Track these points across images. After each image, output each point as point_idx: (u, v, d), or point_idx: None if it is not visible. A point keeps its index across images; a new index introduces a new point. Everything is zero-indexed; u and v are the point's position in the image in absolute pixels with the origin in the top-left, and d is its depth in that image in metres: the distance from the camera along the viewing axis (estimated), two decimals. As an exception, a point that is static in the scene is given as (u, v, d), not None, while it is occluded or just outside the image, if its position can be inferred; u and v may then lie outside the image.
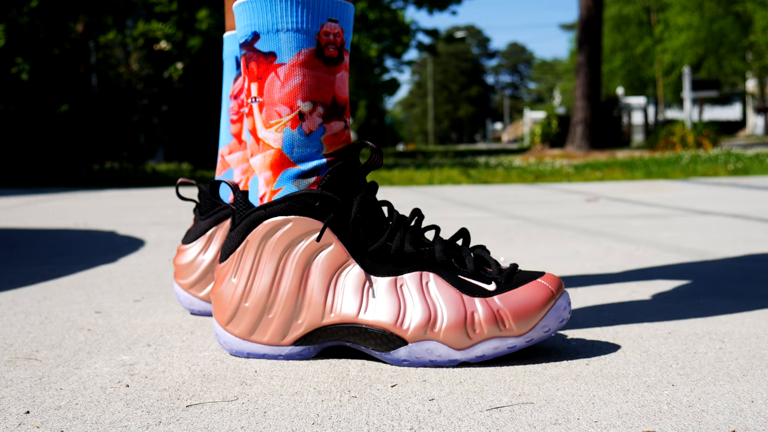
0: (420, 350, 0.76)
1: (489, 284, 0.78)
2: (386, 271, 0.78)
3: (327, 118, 0.80)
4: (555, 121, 13.69)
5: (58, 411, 0.66)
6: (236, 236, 0.81)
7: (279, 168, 0.80)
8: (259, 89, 0.80)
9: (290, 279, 0.78)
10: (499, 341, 0.76)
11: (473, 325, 0.76)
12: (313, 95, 0.79)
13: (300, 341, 0.79)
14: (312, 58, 0.78)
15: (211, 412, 0.65)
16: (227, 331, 0.81)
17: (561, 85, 34.95)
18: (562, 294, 0.80)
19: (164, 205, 3.28)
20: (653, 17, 23.28)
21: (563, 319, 0.79)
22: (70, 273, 1.43)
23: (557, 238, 1.92)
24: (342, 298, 0.78)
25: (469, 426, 0.61)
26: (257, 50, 0.79)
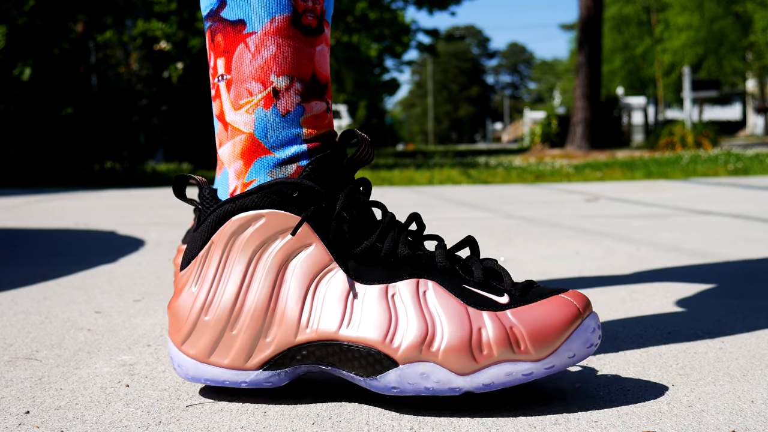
0: (413, 374, 0.62)
1: (501, 296, 0.65)
2: (375, 277, 0.65)
3: (306, 96, 0.68)
4: (555, 121, 13.69)
5: (58, 411, 0.66)
6: (200, 237, 0.68)
7: (251, 156, 0.68)
8: (227, 65, 0.68)
9: (260, 286, 0.65)
10: (512, 366, 0.62)
11: (480, 344, 0.62)
12: (290, 69, 0.67)
13: (268, 364, 0.66)
14: (287, 26, 0.67)
15: (211, 412, 0.65)
16: (182, 352, 0.68)
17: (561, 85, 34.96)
18: (591, 314, 0.65)
19: (164, 205, 3.28)
20: (653, 17, 23.29)
21: (592, 344, 0.64)
22: (70, 273, 1.43)
23: (557, 238, 1.92)
24: (321, 309, 0.65)
25: (469, 426, 0.61)
26: (223, 19, 0.68)
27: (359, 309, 0.64)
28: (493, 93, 62.03)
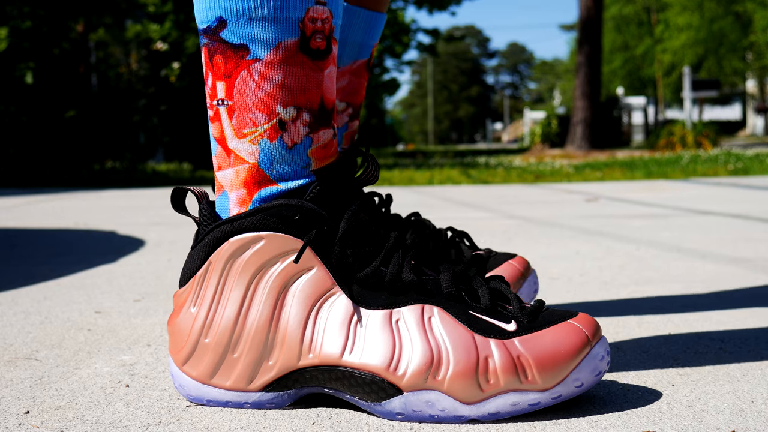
0: (418, 402, 0.61)
1: (508, 323, 0.63)
2: (379, 302, 0.64)
3: (314, 126, 0.65)
4: (555, 121, 13.69)
5: (58, 411, 0.66)
6: (197, 255, 0.66)
7: (255, 187, 0.65)
8: (227, 90, 0.64)
9: (261, 310, 0.64)
10: (519, 396, 0.61)
11: (487, 373, 0.61)
12: (297, 99, 0.64)
13: (271, 386, 0.65)
14: (295, 52, 0.63)
15: (211, 412, 0.65)
16: (184, 373, 0.67)
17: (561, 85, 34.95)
18: (600, 340, 0.64)
19: (164, 205, 3.28)
20: (653, 17, 23.29)
21: (600, 371, 0.63)
22: (70, 273, 1.43)
23: (557, 238, 1.92)
24: (323, 334, 0.63)
25: (469, 426, 0.61)
26: (223, 41, 0.64)
27: (362, 335, 0.63)
28: (493, 93, 62.03)
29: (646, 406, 0.64)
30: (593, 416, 0.62)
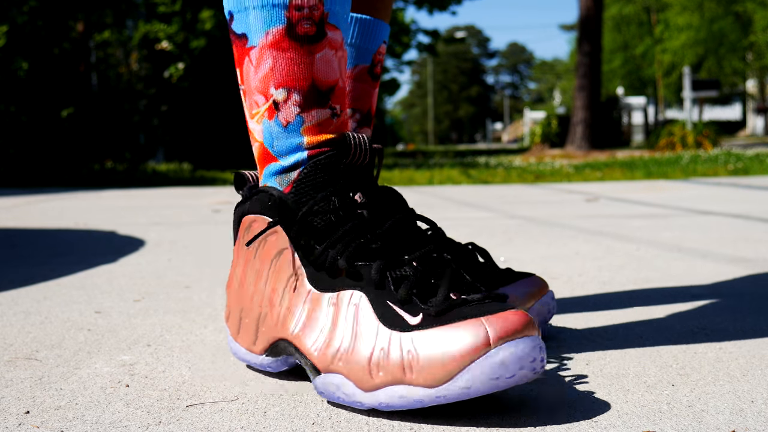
0: (330, 383, 0.64)
1: (415, 316, 0.62)
2: (324, 285, 0.67)
3: (306, 106, 0.70)
4: (555, 121, 13.69)
5: (58, 411, 0.66)
6: (233, 227, 0.78)
7: (263, 162, 0.73)
8: (240, 76, 0.73)
9: (251, 281, 0.73)
10: (406, 390, 0.60)
11: (378, 364, 0.61)
12: (286, 81, 0.70)
13: (268, 351, 0.72)
14: (282, 38, 0.69)
15: (211, 412, 0.65)
16: (227, 326, 0.79)
17: (561, 85, 34.94)
18: (512, 342, 0.58)
19: (164, 205, 3.28)
20: (653, 17, 23.28)
21: (499, 376, 0.58)
22: (70, 273, 1.43)
23: (557, 238, 1.92)
24: (288, 309, 0.69)
25: (469, 426, 0.61)
26: (233, 32, 0.72)
27: (306, 314, 0.68)
28: (493, 93, 62.01)
29: (646, 406, 0.64)
30: (593, 416, 0.62)
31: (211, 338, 0.92)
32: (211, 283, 1.32)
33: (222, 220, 2.51)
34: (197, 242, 1.91)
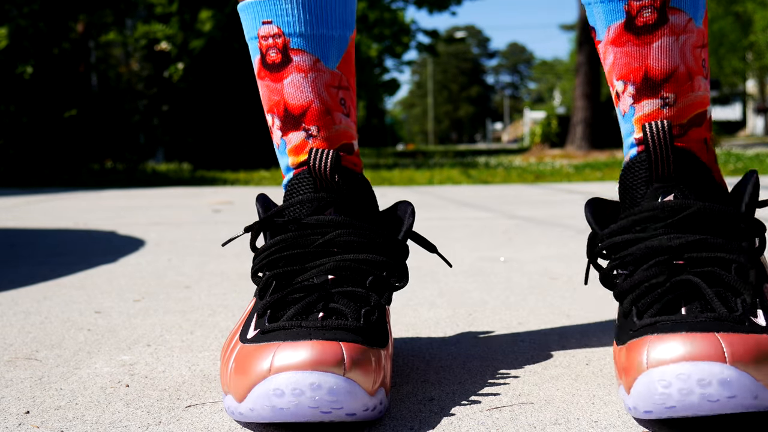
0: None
1: (254, 329, 0.64)
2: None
3: (284, 129, 0.74)
4: (555, 121, 13.69)
5: (58, 411, 0.66)
6: None
7: (283, 177, 0.78)
8: None
9: None
10: (229, 399, 0.60)
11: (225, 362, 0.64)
12: (269, 107, 0.75)
13: None
14: (260, 69, 0.75)
15: (211, 412, 0.65)
16: None
17: (561, 85, 34.95)
18: (285, 374, 0.56)
19: (164, 205, 3.29)
20: (653, 17, 23.25)
21: (278, 407, 0.56)
22: (70, 273, 1.43)
23: (557, 238, 1.92)
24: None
25: (469, 426, 0.61)
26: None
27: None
28: (493, 93, 62.01)
29: (646, 406, 0.64)
30: (593, 416, 0.62)
31: (211, 338, 0.92)
32: (210, 283, 1.32)
33: (222, 220, 2.51)
34: (197, 242, 1.91)
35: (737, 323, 0.56)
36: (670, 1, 0.67)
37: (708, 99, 0.72)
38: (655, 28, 0.68)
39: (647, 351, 0.55)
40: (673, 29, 0.68)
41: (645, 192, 0.67)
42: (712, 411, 0.53)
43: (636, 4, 0.67)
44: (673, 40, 0.68)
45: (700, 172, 0.67)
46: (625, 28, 0.68)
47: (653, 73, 0.68)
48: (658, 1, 0.67)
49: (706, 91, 0.71)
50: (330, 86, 0.73)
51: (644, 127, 0.66)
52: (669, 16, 0.68)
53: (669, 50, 0.68)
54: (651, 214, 0.65)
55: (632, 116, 0.70)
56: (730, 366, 0.53)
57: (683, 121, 0.69)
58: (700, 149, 0.69)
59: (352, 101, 0.76)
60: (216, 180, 5.81)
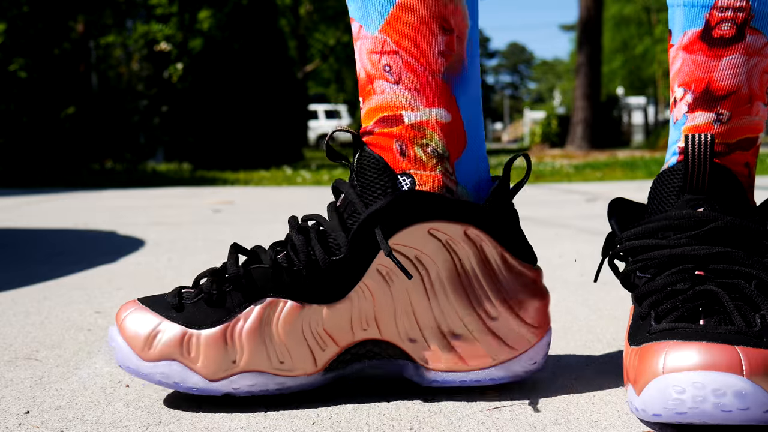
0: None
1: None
2: None
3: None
4: (555, 121, 13.69)
5: (58, 411, 0.66)
6: None
7: None
8: None
9: None
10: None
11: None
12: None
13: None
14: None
15: (211, 412, 0.65)
16: None
17: (561, 85, 34.95)
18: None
19: (164, 205, 3.28)
20: (653, 17, 23.28)
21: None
22: (70, 273, 1.43)
23: (557, 238, 1.92)
24: None
25: (469, 426, 0.61)
26: None
27: None
28: (493, 93, 61.98)
29: (646, 406, 0.64)
30: (593, 416, 0.62)
31: (211, 338, 0.92)
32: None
33: (222, 220, 2.51)
34: (197, 242, 1.91)
35: (757, 338, 0.57)
36: (751, 20, 0.67)
37: (762, 126, 0.71)
38: (729, 43, 0.67)
39: (665, 356, 0.56)
40: (747, 49, 0.67)
41: (675, 201, 0.67)
42: (724, 421, 0.54)
43: (718, 16, 0.67)
44: (744, 59, 0.67)
45: (734, 191, 0.67)
46: (700, 37, 0.68)
47: (715, 87, 0.68)
48: (740, 17, 0.66)
49: (762, 118, 0.70)
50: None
51: (687, 137, 0.66)
52: (747, 35, 0.67)
53: (737, 68, 0.68)
54: (677, 222, 0.65)
55: (683, 125, 0.69)
56: (746, 379, 0.53)
57: (731, 141, 0.68)
58: (740, 171, 0.69)
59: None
60: (216, 180, 5.81)
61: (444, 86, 0.66)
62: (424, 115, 0.66)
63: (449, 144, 0.66)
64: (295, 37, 15.21)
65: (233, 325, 0.64)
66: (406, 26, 0.65)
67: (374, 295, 0.65)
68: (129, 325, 0.65)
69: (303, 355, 0.65)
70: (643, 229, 0.67)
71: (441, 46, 0.65)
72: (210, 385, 0.64)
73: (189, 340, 0.64)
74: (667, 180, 0.68)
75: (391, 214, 0.64)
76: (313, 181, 5.21)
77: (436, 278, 0.66)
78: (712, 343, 0.55)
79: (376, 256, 0.65)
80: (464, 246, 0.66)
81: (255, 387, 0.64)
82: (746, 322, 0.58)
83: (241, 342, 0.64)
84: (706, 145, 0.65)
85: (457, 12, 0.66)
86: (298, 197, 3.70)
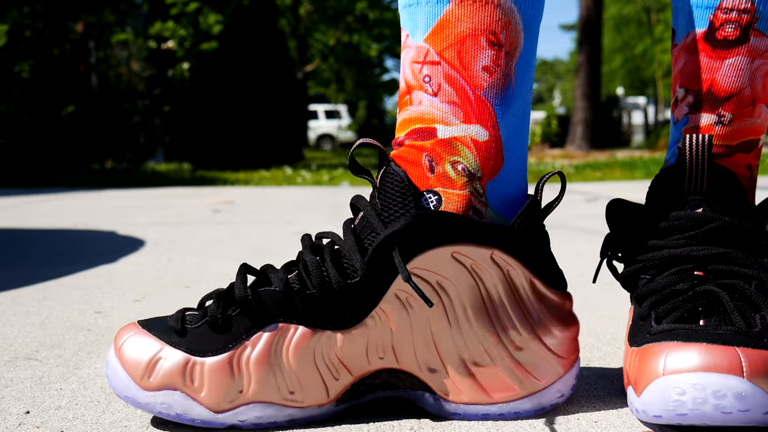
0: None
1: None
2: None
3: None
4: (555, 121, 13.69)
5: (58, 411, 0.66)
6: None
7: None
8: None
9: None
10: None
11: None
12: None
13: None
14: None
15: (211, 412, 0.65)
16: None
17: (561, 85, 34.96)
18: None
19: (164, 205, 3.28)
20: (653, 17, 23.28)
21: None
22: (70, 273, 1.43)
23: (557, 238, 1.92)
24: None
25: (469, 426, 0.61)
26: None
27: None
28: (493, 93, 61.95)
29: (646, 406, 0.64)
30: (593, 416, 0.62)
31: (211, 338, 0.92)
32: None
33: (222, 220, 2.51)
34: (197, 242, 1.91)
35: (757, 339, 0.56)
36: (756, 22, 0.66)
37: (764, 129, 0.71)
38: (733, 45, 0.67)
39: (665, 357, 0.56)
40: (750, 51, 0.67)
41: (674, 202, 0.67)
42: (724, 422, 0.54)
43: (722, 17, 0.66)
44: (747, 61, 0.67)
45: (734, 192, 0.66)
46: (704, 38, 0.67)
47: (717, 88, 0.67)
48: (744, 19, 0.66)
49: (765, 121, 0.70)
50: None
51: (684, 138, 0.65)
52: (751, 37, 0.67)
53: (740, 70, 0.67)
54: (676, 223, 0.65)
55: (683, 125, 0.69)
56: (746, 381, 0.53)
57: (732, 143, 0.68)
58: (741, 173, 0.68)
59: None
60: (216, 180, 5.81)
61: (484, 103, 0.62)
62: (460, 131, 0.61)
63: (483, 164, 0.62)
64: (295, 37, 15.22)
65: (240, 352, 0.60)
66: (451, 37, 0.61)
67: (392, 321, 0.61)
68: (128, 351, 0.61)
69: (315, 385, 0.61)
70: (640, 231, 0.67)
71: (486, 60, 0.61)
72: (215, 417, 0.60)
73: (192, 369, 0.60)
74: (666, 180, 0.68)
75: (411, 236, 0.60)
76: (313, 181, 5.21)
77: (459, 305, 0.61)
78: (712, 345, 0.55)
79: (394, 281, 0.60)
80: (490, 271, 0.61)
81: (263, 419, 0.61)
82: (746, 323, 0.58)
83: (248, 371, 0.60)
84: (704, 145, 0.65)
85: (508, 27, 0.61)
86: (298, 197, 3.70)
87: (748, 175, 0.69)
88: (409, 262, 0.60)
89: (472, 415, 0.62)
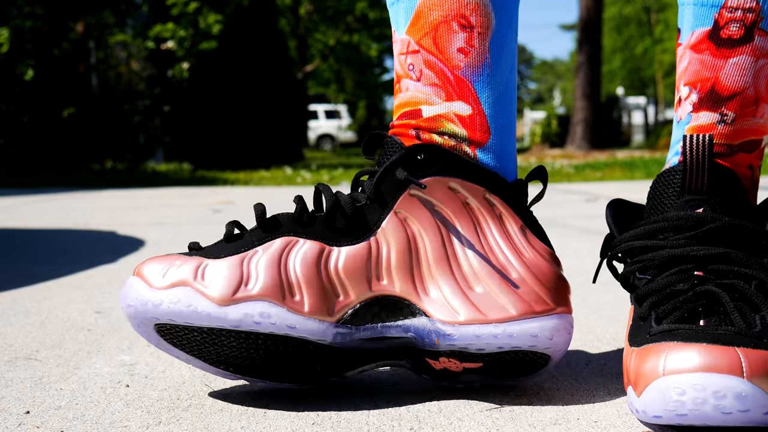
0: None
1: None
2: None
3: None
4: (555, 121, 13.68)
5: (58, 411, 0.66)
6: None
7: None
8: None
9: None
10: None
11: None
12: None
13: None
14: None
15: (211, 412, 0.65)
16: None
17: (561, 85, 34.96)
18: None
19: (164, 205, 3.28)
20: (653, 17, 23.28)
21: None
22: (70, 273, 1.43)
23: (557, 238, 1.92)
24: None
25: (469, 426, 0.61)
26: None
27: None
28: (493, 93, 61.84)
29: (646, 406, 0.64)
30: (593, 416, 0.62)
31: (211, 338, 0.92)
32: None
33: (222, 220, 2.50)
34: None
35: (757, 339, 0.56)
36: (761, 22, 0.66)
37: (767, 129, 0.70)
38: (737, 44, 0.67)
39: (665, 357, 0.56)
40: (755, 50, 0.67)
41: (675, 202, 0.67)
42: (724, 423, 0.54)
43: (727, 16, 0.67)
44: (751, 60, 0.67)
45: (735, 192, 0.66)
46: (709, 37, 0.68)
47: (720, 87, 0.68)
48: (749, 18, 0.66)
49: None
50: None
51: (685, 137, 0.66)
52: (755, 36, 0.67)
53: (744, 69, 0.67)
54: (676, 223, 0.65)
55: (686, 124, 0.69)
56: (747, 381, 0.53)
57: (734, 142, 0.68)
58: (743, 173, 0.68)
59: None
60: (216, 180, 5.81)
61: (463, 81, 0.67)
62: (443, 109, 0.68)
63: (470, 133, 0.68)
64: (295, 37, 15.22)
65: (252, 255, 0.64)
66: (426, 26, 0.67)
67: (392, 241, 0.65)
68: (146, 266, 0.64)
69: (317, 296, 0.63)
70: (642, 230, 0.67)
71: (460, 42, 0.67)
72: (219, 311, 0.62)
73: (204, 268, 0.63)
74: (667, 180, 0.68)
75: (412, 162, 0.66)
76: (313, 181, 5.21)
77: (455, 233, 0.66)
78: (712, 345, 0.55)
79: (396, 202, 0.66)
80: (483, 210, 0.67)
81: (264, 321, 0.62)
82: (746, 323, 0.58)
83: (257, 270, 0.63)
84: (705, 145, 0.65)
85: (478, 9, 0.67)
86: (298, 197, 3.69)
87: (749, 175, 0.69)
88: (409, 186, 0.66)
89: (467, 337, 0.64)
